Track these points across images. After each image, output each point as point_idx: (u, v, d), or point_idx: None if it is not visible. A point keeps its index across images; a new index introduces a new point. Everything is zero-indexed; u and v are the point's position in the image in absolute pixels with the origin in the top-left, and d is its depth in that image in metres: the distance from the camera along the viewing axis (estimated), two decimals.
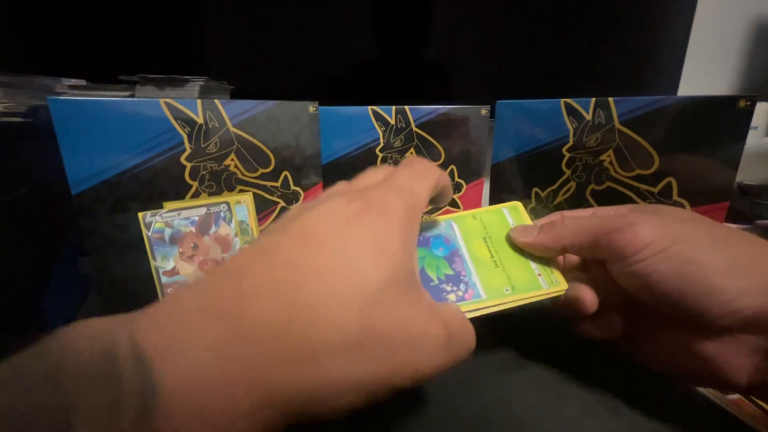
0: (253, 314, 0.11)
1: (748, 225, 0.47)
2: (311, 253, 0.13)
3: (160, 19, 0.62)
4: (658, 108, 0.33)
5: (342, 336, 0.12)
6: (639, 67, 0.71)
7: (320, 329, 0.11)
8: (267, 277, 0.12)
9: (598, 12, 0.69)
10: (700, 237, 0.19)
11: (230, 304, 0.11)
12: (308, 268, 0.12)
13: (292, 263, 0.13)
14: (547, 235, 0.24)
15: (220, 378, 0.10)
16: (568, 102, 0.38)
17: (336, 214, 0.15)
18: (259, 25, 0.65)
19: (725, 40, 0.81)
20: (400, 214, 0.16)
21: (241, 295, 0.11)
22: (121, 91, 0.46)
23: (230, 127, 0.36)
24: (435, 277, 0.24)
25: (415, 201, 0.18)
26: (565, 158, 0.40)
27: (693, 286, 0.18)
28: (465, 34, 0.69)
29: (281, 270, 0.12)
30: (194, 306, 0.11)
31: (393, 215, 0.15)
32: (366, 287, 0.13)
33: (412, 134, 0.46)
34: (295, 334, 0.11)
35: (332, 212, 0.15)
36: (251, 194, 0.38)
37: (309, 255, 0.13)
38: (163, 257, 0.32)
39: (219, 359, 0.10)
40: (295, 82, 0.68)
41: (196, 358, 0.10)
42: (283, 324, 0.11)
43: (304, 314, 0.11)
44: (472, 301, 0.23)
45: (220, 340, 0.10)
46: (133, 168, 0.32)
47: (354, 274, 0.13)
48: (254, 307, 0.11)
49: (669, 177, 0.34)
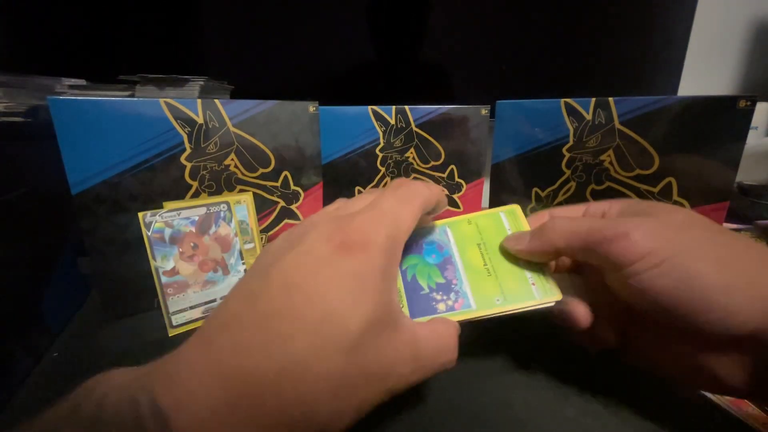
0: (248, 373, 0.12)
1: (748, 225, 0.47)
2: (294, 302, 0.14)
3: (160, 19, 0.62)
4: (658, 108, 0.33)
5: (327, 383, 0.13)
6: (639, 67, 0.71)
7: (308, 381, 0.13)
8: (255, 331, 0.13)
9: (598, 12, 0.69)
10: (699, 248, 0.18)
11: (228, 365, 0.13)
12: (292, 319, 0.14)
13: (276, 314, 0.14)
14: (538, 241, 0.23)
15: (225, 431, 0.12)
16: (568, 102, 0.38)
17: (316, 255, 0.16)
18: (259, 25, 0.65)
19: (725, 40, 0.81)
20: (381, 245, 0.17)
21: (237, 352, 0.13)
22: (121, 91, 0.45)
23: (230, 127, 0.36)
24: (426, 286, 0.24)
25: (398, 229, 0.18)
26: (565, 158, 0.40)
27: (691, 301, 0.17)
28: (465, 34, 0.69)
29: (267, 321, 0.14)
30: (201, 366, 0.13)
31: (373, 248, 0.16)
32: (348, 335, 0.14)
33: (412, 134, 0.46)
34: (286, 388, 0.13)
35: (312, 254, 0.16)
36: (251, 194, 0.38)
37: (292, 304, 0.14)
38: (163, 257, 0.32)
39: (223, 416, 0.12)
40: (295, 82, 0.68)
41: (205, 416, 0.12)
42: (275, 379, 0.12)
43: (293, 368, 0.13)
44: (461, 312, 0.23)
45: (223, 399, 0.12)
46: (133, 168, 0.32)
47: (336, 322, 0.14)
48: (248, 365, 0.13)
49: (669, 177, 0.34)
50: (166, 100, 0.32)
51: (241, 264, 0.35)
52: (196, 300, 0.33)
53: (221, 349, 0.13)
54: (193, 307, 0.33)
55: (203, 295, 0.33)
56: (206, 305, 0.33)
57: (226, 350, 0.13)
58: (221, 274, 0.34)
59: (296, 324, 0.13)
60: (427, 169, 0.48)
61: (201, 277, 0.33)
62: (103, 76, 0.46)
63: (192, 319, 0.32)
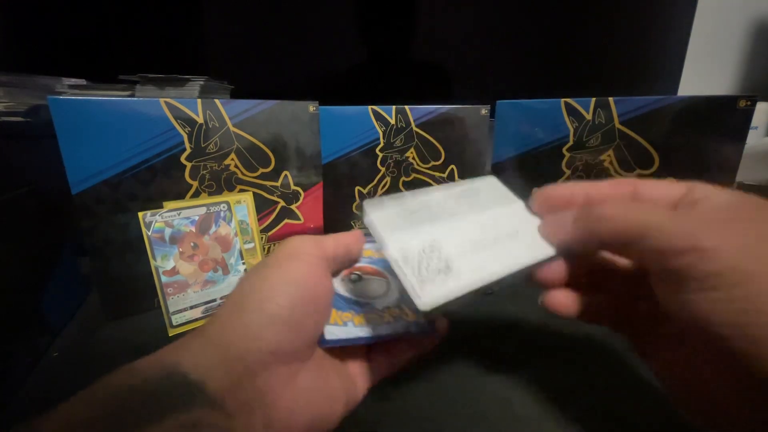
0: (226, 341, 0.18)
1: None
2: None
3: (160, 19, 0.62)
4: (658, 108, 0.33)
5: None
6: (639, 67, 0.71)
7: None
8: (229, 314, 0.19)
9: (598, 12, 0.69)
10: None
11: (218, 340, 0.18)
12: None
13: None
14: (585, 230, 0.19)
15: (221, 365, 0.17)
16: (568, 102, 0.38)
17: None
18: (259, 25, 0.65)
19: (725, 40, 0.81)
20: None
21: (222, 329, 0.18)
22: (121, 90, 0.46)
23: (230, 127, 0.36)
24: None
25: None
26: (565, 158, 0.40)
27: (754, 337, 0.13)
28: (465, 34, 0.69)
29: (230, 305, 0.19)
30: (205, 344, 0.18)
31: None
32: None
33: (413, 134, 0.46)
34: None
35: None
36: (251, 194, 0.38)
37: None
38: (163, 257, 0.32)
39: (218, 363, 0.17)
40: (295, 82, 0.68)
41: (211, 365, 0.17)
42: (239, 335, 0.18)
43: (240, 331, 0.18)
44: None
45: (216, 357, 0.17)
46: (133, 168, 0.32)
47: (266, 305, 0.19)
48: (226, 337, 0.18)
49: (669, 177, 0.34)
50: (166, 99, 0.32)
51: (241, 264, 0.35)
52: (196, 300, 0.33)
53: (215, 330, 0.18)
54: (193, 306, 0.33)
55: (203, 295, 0.33)
56: (206, 305, 0.33)
57: (216, 331, 0.18)
58: (221, 273, 0.34)
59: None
60: (427, 169, 0.48)
61: (201, 276, 0.33)
62: (103, 76, 0.46)
63: (192, 319, 0.32)
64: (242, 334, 0.18)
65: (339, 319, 0.22)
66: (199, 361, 0.16)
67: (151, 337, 0.32)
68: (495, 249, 0.21)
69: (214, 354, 0.17)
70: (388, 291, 0.25)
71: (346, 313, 0.23)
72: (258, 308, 0.18)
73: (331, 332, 0.21)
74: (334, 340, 0.21)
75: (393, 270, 0.20)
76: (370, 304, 0.24)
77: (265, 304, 0.18)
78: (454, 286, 0.18)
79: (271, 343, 0.18)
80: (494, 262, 0.20)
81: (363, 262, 0.27)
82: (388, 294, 0.25)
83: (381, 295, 0.25)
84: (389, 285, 0.26)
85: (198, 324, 0.33)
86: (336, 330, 0.21)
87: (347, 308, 0.23)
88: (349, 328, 0.22)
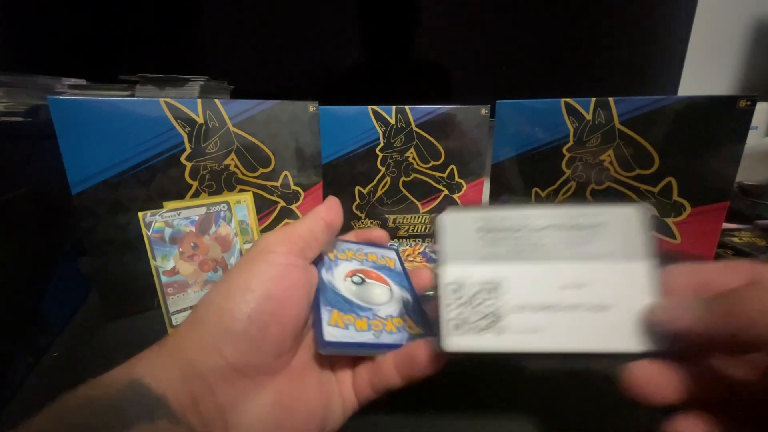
0: (186, 355, 0.17)
1: (748, 225, 0.47)
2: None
3: (160, 19, 0.62)
4: (658, 108, 0.33)
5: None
6: (639, 67, 0.71)
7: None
8: (189, 326, 0.19)
9: (598, 12, 0.69)
10: None
11: (178, 354, 0.17)
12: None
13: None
14: (722, 318, 0.14)
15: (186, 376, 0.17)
16: (568, 102, 0.38)
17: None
18: (259, 25, 0.65)
19: (725, 40, 0.81)
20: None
21: (182, 342, 0.18)
22: (121, 90, 0.46)
23: (230, 127, 0.36)
24: None
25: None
26: (565, 158, 0.40)
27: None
28: (465, 34, 0.69)
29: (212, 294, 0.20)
30: (166, 358, 0.17)
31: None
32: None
33: (413, 134, 0.46)
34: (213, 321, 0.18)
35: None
36: (251, 194, 0.38)
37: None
38: (163, 257, 0.32)
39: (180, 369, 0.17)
40: (295, 82, 0.68)
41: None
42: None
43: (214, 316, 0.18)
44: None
45: (176, 371, 0.17)
46: (133, 168, 0.32)
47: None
48: (185, 351, 0.17)
49: (669, 177, 0.34)
50: (166, 99, 0.32)
51: None
52: (196, 300, 0.33)
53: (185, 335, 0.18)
54: (193, 306, 0.33)
55: (203, 295, 0.33)
56: None
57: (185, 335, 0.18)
58: (221, 273, 0.34)
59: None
60: (427, 169, 0.48)
61: (201, 276, 0.33)
62: (103, 76, 0.46)
63: None
64: (200, 348, 0.17)
65: (340, 321, 0.21)
66: (160, 375, 0.16)
67: (151, 337, 0.31)
68: (569, 316, 0.16)
69: (174, 368, 0.16)
70: (390, 300, 0.24)
71: (348, 316, 0.22)
72: (215, 320, 0.18)
73: (331, 333, 0.20)
74: (334, 343, 0.19)
75: (438, 291, 0.17)
76: (372, 309, 0.23)
77: (222, 316, 0.18)
78: (489, 342, 0.16)
79: (230, 358, 0.17)
80: (556, 332, 0.16)
81: (367, 266, 0.26)
82: (391, 302, 0.24)
83: (383, 303, 0.24)
84: (392, 294, 0.25)
85: None
86: (336, 332, 0.20)
87: (349, 310, 0.22)
88: (350, 331, 0.21)
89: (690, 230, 0.34)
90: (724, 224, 0.33)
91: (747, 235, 0.44)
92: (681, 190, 0.34)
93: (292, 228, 0.21)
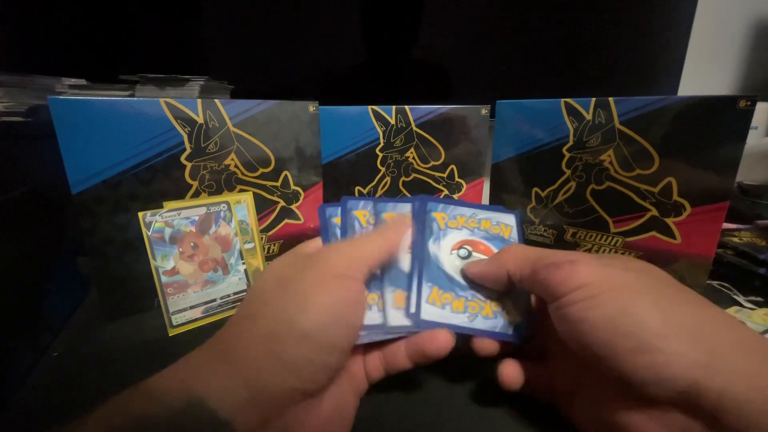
0: (258, 377, 0.16)
1: (748, 225, 0.47)
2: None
3: (160, 19, 0.62)
4: (658, 108, 0.33)
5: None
6: (639, 67, 0.71)
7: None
8: (261, 341, 0.17)
9: (598, 12, 0.69)
10: (641, 287, 0.17)
11: (247, 373, 0.17)
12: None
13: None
14: (493, 265, 0.22)
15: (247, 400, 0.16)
16: (568, 102, 0.38)
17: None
18: (259, 25, 0.65)
19: (725, 40, 0.81)
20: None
21: (254, 360, 0.17)
22: (121, 90, 0.45)
23: (230, 127, 0.36)
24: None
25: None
26: (565, 158, 0.40)
27: (623, 340, 0.16)
28: (465, 34, 0.69)
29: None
30: (234, 377, 0.17)
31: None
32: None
33: (413, 134, 0.46)
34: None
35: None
36: (251, 194, 0.38)
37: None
38: (163, 257, 0.32)
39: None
40: (295, 82, 0.68)
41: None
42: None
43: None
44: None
45: (246, 393, 0.16)
46: (133, 168, 0.32)
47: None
48: (257, 372, 0.17)
49: (669, 177, 0.34)
50: (166, 99, 0.32)
51: (241, 263, 0.35)
52: (196, 300, 0.33)
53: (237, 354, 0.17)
54: (193, 306, 0.33)
55: (203, 295, 0.33)
56: (206, 305, 0.33)
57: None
58: (221, 273, 0.34)
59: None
60: (427, 169, 0.48)
61: (201, 276, 0.33)
62: (103, 76, 0.46)
63: (192, 319, 0.32)
64: (276, 370, 0.16)
65: (438, 299, 0.20)
66: (227, 398, 0.15)
67: (151, 337, 0.31)
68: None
69: (244, 390, 0.16)
70: None
71: (447, 294, 0.21)
72: (295, 344, 0.17)
73: (428, 312, 0.19)
74: (429, 322, 0.19)
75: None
76: (471, 290, 0.22)
77: (306, 342, 0.17)
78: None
79: (307, 383, 0.17)
80: None
81: (478, 235, 0.24)
82: None
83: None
84: None
85: (198, 324, 0.33)
86: (433, 311, 0.20)
87: (449, 288, 0.21)
88: (446, 312, 0.20)
89: (690, 230, 0.34)
90: (724, 224, 0.33)
91: (747, 235, 0.44)
92: (681, 190, 0.34)
93: (361, 248, 0.21)
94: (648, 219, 0.36)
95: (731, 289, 0.37)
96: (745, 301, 0.35)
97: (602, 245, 0.39)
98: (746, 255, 0.39)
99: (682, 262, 0.35)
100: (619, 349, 0.16)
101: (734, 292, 0.37)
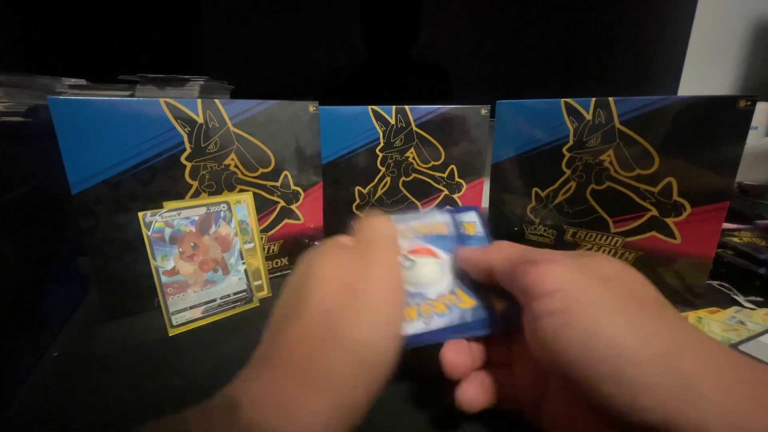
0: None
1: (748, 225, 0.47)
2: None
3: (160, 19, 0.62)
4: (658, 108, 0.33)
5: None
6: (639, 67, 0.71)
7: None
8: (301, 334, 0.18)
9: (598, 12, 0.69)
10: (614, 303, 0.16)
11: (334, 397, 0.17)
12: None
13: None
14: (479, 255, 0.23)
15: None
16: (568, 102, 0.38)
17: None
18: (259, 25, 0.65)
19: (725, 40, 0.81)
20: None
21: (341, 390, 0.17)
22: (121, 90, 0.45)
23: (230, 127, 0.36)
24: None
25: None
26: (565, 158, 0.40)
27: (597, 364, 0.15)
28: (465, 34, 0.69)
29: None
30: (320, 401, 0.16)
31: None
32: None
33: (413, 134, 0.46)
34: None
35: None
36: (251, 194, 0.38)
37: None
38: (163, 257, 0.32)
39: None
40: (295, 82, 0.68)
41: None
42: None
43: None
44: None
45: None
46: (133, 168, 0.32)
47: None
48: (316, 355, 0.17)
49: (669, 177, 0.34)
50: (166, 99, 0.32)
51: (241, 263, 0.35)
52: (196, 300, 0.33)
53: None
54: (193, 306, 0.33)
55: (203, 295, 0.33)
56: (206, 305, 0.33)
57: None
58: (221, 273, 0.34)
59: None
60: (427, 169, 0.48)
61: (201, 276, 0.33)
62: (103, 76, 0.46)
63: (192, 319, 0.32)
64: (356, 380, 0.17)
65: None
66: (309, 419, 0.15)
67: (151, 337, 0.31)
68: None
69: (322, 403, 0.16)
70: (442, 274, 0.23)
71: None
72: (380, 369, 0.17)
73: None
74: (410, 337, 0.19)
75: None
76: (422, 293, 0.22)
77: (386, 367, 0.18)
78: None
79: (373, 389, 0.17)
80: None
81: (416, 242, 0.23)
82: (443, 277, 0.22)
83: (435, 281, 0.22)
84: (442, 267, 0.23)
85: (198, 324, 0.33)
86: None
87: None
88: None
89: (690, 230, 0.34)
90: (724, 224, 0.33)
91: (747, 235, 0.44)
92: (681, 190, 0.34)
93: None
94: (648, 219, 0.36)
95: (731, 289, 0.37)
96: (745, 301, 0.35)
97: (602, 245, 0.39)
98: (746, 255, 0.39)
99: (682, 262, 0.35)
100: (593, 373, 0.15)
101: (734, 292, 0.37)
